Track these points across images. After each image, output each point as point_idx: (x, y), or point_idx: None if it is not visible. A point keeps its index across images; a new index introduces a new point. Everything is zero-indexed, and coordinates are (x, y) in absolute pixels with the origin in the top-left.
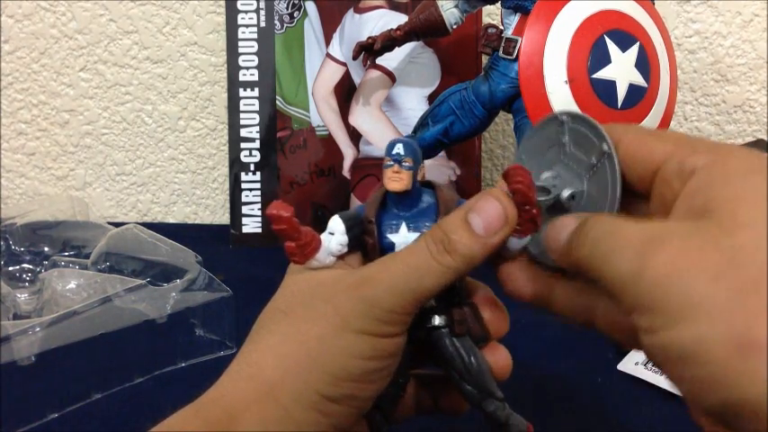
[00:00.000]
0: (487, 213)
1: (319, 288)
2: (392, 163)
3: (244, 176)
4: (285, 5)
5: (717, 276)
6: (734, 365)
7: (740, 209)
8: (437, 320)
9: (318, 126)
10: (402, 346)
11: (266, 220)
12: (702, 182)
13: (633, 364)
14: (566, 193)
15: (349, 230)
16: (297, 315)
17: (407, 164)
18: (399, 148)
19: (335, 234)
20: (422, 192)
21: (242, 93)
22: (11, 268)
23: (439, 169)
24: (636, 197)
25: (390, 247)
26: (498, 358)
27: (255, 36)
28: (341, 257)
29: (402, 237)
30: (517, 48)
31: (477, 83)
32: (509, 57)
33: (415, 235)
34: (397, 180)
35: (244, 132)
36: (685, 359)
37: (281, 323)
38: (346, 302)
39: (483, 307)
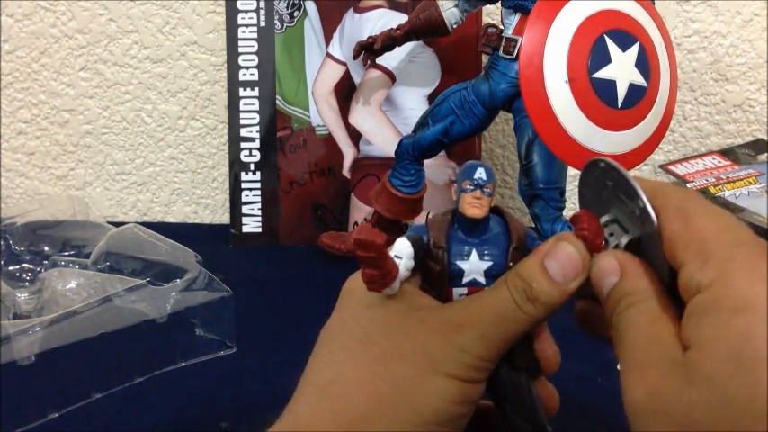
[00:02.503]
0: (564, 260)
1: (401, 323)
2: (473, 188)
3: (244, 176)
4: (285, 5)
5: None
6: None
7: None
8: None
9: (318, 126)
10: (483, 391)
11: (266, 219)
12: (695, 313)
13: None
14: (623, 242)
15: (415, 254)
16: (382, 350)
17: (488, 190)
18: (482, 174)
19: (403, 258)
20: (489, 218)
21: (242, 92)
22: (11, 268)
23: (439, 169)
24: None
25: (459, 274)
26: (547, 393)
27: (255, 36)
28: (406, 282)
29: (473, 265)
30: (517, 47)
31: (477, 82)
32: (509, 56)
33: (486, 264)
34: (478, 207)
35: (244, 132)
36: None
37: (365, 356)
38: (438, 345)
39: (537, 342)
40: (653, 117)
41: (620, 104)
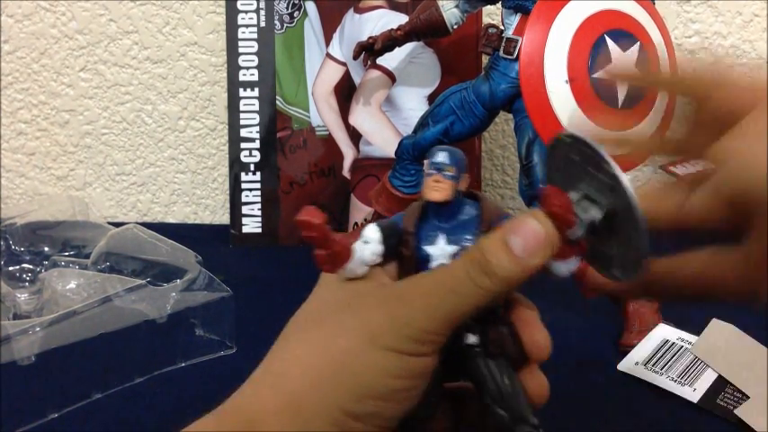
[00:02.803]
0: (528, 235)
1: (351, 300)
2: (433, 171)
3: (244, 176)
4: (285, 5)
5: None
6: None
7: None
8: (471, 339)
9: (318, 126)
10: (432, 366)
11: (266, 219)
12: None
13: (633, 364)
14: (598, 216)
15: (385, 240)
16: (326, 326)
17: (449, 173)
18: (442, 156)
19: (370, 243)
20: (464, 203)
21: (242, 93)
22: (11, 268)
23: None
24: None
25: (426, 259)
26: (535, 383)
27: (255, 36)
28: (377, 266)
29: (439, 249)
30: (518, 47)
31: (477, 83)
32: (509, 56)
33: (453, 248)
34: (437, 190)
35: (244, 132)
36: None
37: (310, 332)
38: (377, 318)
39: (523, 328)
40: (653, 117)
41: (620, 104)
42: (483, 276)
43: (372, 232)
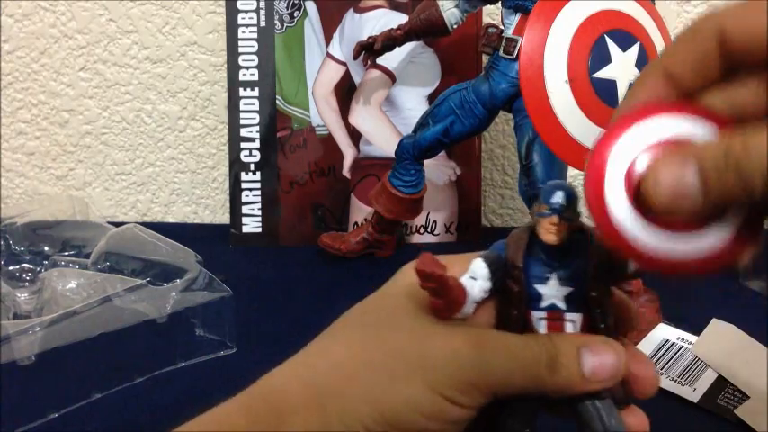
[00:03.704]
0: (603, 362)
1: (412, 321)
2: (550, 213)
3: (244, 176)
4: (285, 5)
5: None
6: None
7: None
8: None
9: (318, 126)
10: (468, 419)
11: (266, 219)
12: None
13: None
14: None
15: (492, 275)
16: (377, 338)
17: (567, 215)
18: (560, 198)
19: (478, 280)
20: (573, 239)
21: (242, 92)
22: (11, 268)
23: (439, 169)
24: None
25: (538, 297)
26: (637, 423)
27: (255, 36)
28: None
29: (553, 289)
30: (517, 47)
31: (477, 82)
32: (509, 56)
33: (566, 290)
34: (554, 233)
35: (244, 132)
36: None
37: (357, 337)
38: (436, 354)
39: (632, 363)
40: None
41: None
42: (545, 369)
43: (481, 268)
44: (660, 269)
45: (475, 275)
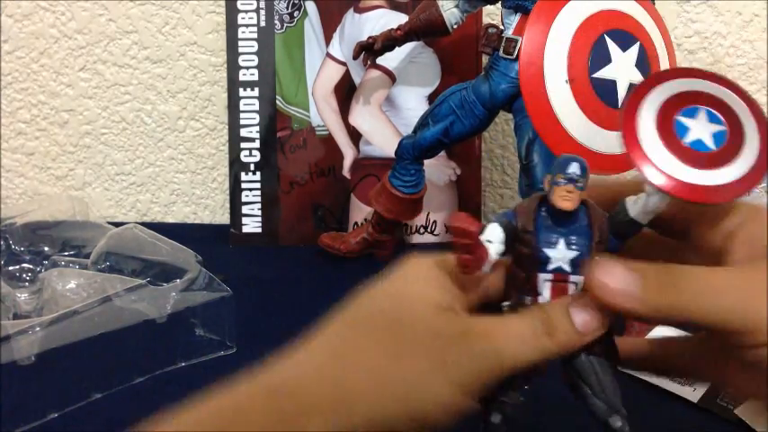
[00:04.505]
0: (589, 314)
1: (432, 317)
2: (566, 182)
3: (244, 176)
4: (285, 5)
5: None
6: None
7: None
8: None
9: (318, 126)
10: (469, 410)
11: (266, 219)
12: (749, 236)
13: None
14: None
15: (506, 240)
16: (398, 337)
17: (581, 184)
18: (575, 168)
19: (494, 243)
20: (579, 209)
21: (242, 92)
22: (11, 268)
23: (439, 169)
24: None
25: (546, 260)
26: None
27: (255, 36)
28: (453, 292)
29: (560, 253)
30: (517, 47)
31: (477, 82)
32: (509, 56)
33: (573, 253)
34: (569, 200)
35: (244, 132)
36: None
37: (387, 336)
38: (456, 351)
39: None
40: None
41: (620, 104)
42: (545, 337)
43: (496, 233)
44: (677, 194)
45: (491, 239)
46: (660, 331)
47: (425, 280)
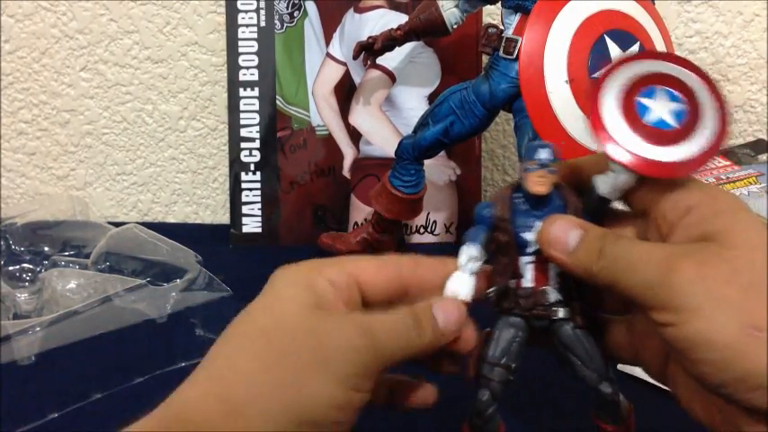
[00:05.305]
0: (448, 311)
1: (308, 320)
2: (537, 167)
3: (244, 176)
4: (285, 5)
5: (727, 281)
6: (743, 346)
7: (733, 236)
8: (561, 313)
9: (318, 126)
10: (365, 404)
11: (266, 219)
12: (699, 217)
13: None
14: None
15: (484, 245)
16: (281, 342)
17: (552, 168)
18: (546, 153)
19: (470, 263)
20: (552, 192)
21: (242, 92)
22: (11, 268)
23: (439, 169)
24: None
25: (525, 245)
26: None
27: (255, 36)
28: (342, 288)
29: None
30: (517, 47)
31: (477, 82)
32: (509, 56)
33: None
34: (542, 184)
35: (244, 132)
36: (705, 345)
37: (263, 346)
38: (334, 347)
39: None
40: None
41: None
42: (414, 332)
43: (471, 253)
44: (639, 170)
45: (468, 263)
46: None
47: (294, 284)
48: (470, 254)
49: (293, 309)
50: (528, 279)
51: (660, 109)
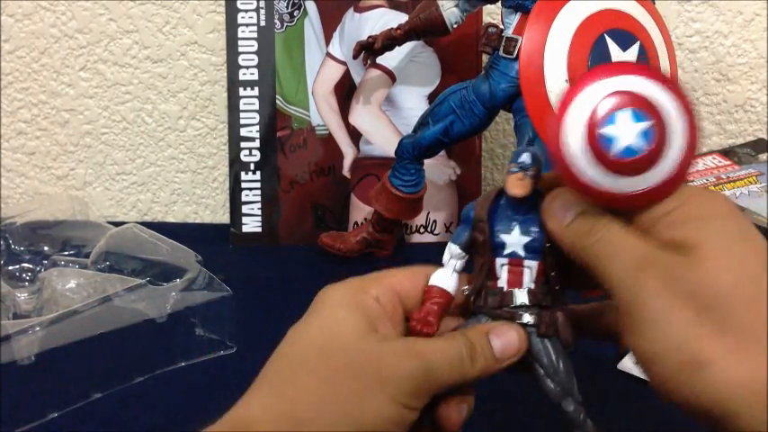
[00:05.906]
0: (506, 341)
1: (362, 341)
2: (517, 170)
3: (244, 176)
4: (285, 4)
5: (682, 305)
6: (683, 377)
7: (699, 249)
8: (526, 318)
9: (318, 125)
10: (415, 419)
11: (266, 219)
12: (680, 218)
13: (633, 363)
14: None
15: (466, 244)
16: (338, 363)
17: (531, 172)
18: (527, 158)
19: (453, 260)
20: (534, 198)
21: (242, 92)
22: (11, 268)
23: (439, 169)
24: None
25: (501, 246)
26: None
27: (255, 35)
28: (382, 317)
29: (515, 238)
30: (517, 47)
31: (477, 82)
32: (509, 56)
33: (526, 238)
34: (520, 187)
35: (244, 132)
36: (648, 362)
37: (321, 366)
38: (390, 368)
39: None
40: None
41: None
42: (468, 361)
43: (453, 252)
44: (598, 200)
45: (450, 260)
46: None
47: (344, 306)
48: (452, 252)
49: (348, 330)
50: (503, 280)
51: (625, 135)
